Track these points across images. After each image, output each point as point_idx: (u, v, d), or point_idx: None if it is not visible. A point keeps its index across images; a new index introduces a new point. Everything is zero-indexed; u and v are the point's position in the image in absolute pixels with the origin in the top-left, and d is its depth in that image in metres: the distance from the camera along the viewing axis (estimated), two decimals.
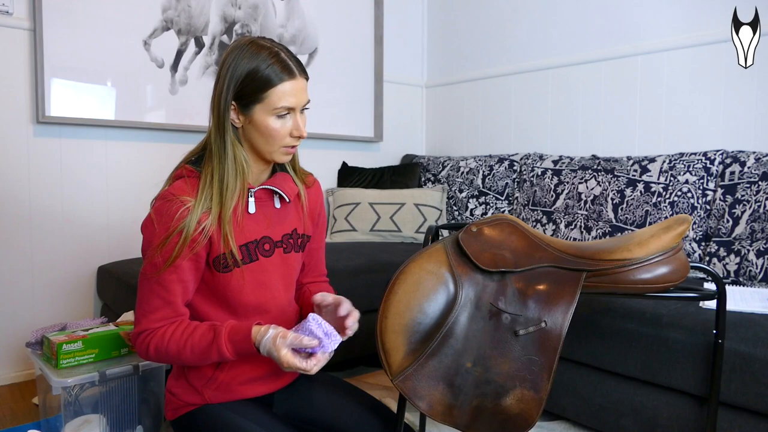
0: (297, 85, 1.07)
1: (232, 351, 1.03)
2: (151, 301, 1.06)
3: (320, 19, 2.83)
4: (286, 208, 1.20)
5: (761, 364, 1.21)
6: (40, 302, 2.17)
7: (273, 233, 1.16)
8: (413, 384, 1.00)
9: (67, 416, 1.41)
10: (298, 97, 1.08)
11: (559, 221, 2.26)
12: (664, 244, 1.07)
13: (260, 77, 1.05)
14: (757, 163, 1.85)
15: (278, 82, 1.05)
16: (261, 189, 1.14)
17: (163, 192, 1.08)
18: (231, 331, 1.03)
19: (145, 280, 1.07)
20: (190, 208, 1.03)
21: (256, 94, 1.05)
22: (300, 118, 1.10)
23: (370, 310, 2.02)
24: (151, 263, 1.05)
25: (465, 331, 1.04)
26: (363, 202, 2.67)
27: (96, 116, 2.20)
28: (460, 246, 1.11)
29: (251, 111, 1.07)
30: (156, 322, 1.06)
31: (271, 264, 1.15)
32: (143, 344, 1.07)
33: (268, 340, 1.00)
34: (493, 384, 1.00)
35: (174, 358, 1.06)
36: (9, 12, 2.03)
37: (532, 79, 2.76)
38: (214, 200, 1.05)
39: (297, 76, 1.08)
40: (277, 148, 1.10)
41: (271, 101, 1.06)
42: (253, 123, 1.08)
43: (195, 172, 1.10)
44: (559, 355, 0.99)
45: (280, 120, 1.08)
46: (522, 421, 0.98)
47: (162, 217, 1.04)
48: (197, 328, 1.06)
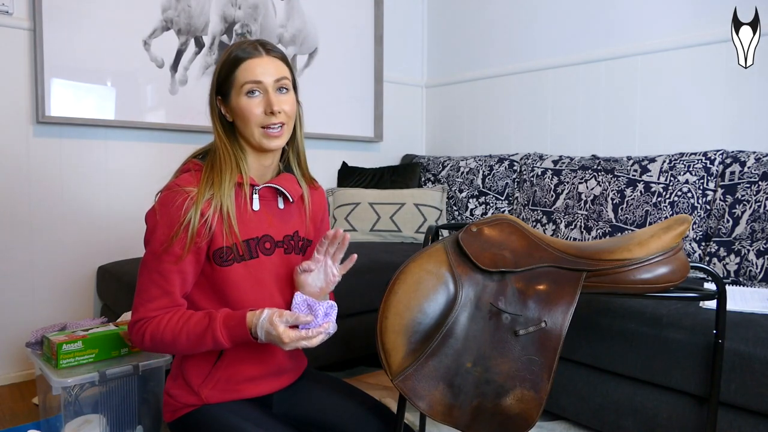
0: (263, 61, 1.09)
1: (227, 336, 1.03)
2: (149, 290, 1.07)
3: (320, 19, 2.83)
4: (290, 209, 1.20)
5: (761, 364, 1.21)
6: (40, 302, 2.17)
7: (275, 232, 1.16)
8: (413, 384, 1.00)
9: (67, 416, 1.41)
10: (264, 70, 1.09)
11: (559, 221, 2.26)
12: (665, 244, 1.07)
13: (229, 61, 1.10)
14: (757, 163, 1.85)
15: (243, 61, 1.08)
16: (265, 187, 1.15)
17: (169, 184, 1.10)
18: (226, 317, 1.04)
19: (145, 269, 1.08)
20: (194, 198, 1.05)
21: (228, 78, 1.10)
22: (275, 95, 1.09)
23: (370, 310, 2.03)
24: (152, 252, 1.06)
25: (465, 331, 1.04)
26: (363, 202, 2.67)
27: (96, 116, 2.20)
28: (460, 246, 1.11)
29: (230, 99, 1.11)
30: (153, 311, 1.06)
31: (271, 263, 1.15)
32: (139, 332, 1.07)
33: (264, 320, 1.00)
34: (493, 384, 1.00)
35: (169, 345, 1.06)
36: (9, 12, 2.03)
37: (532, 79, 2.76)
38: (215, 186, 1.07)
39: (263, 54, 1.10)
40: (256, 130, 1.10)
41: (238, 79, 1.09)
42: (234, 110, 1.11)
43: (200, 164, 1.12)
44: (559, 355, 0.99)
45: (252, 99, 1.09)
46: (522, 421, 0.98)
47: (165, 207, 1.05)
48: (193, 315, 1.06)
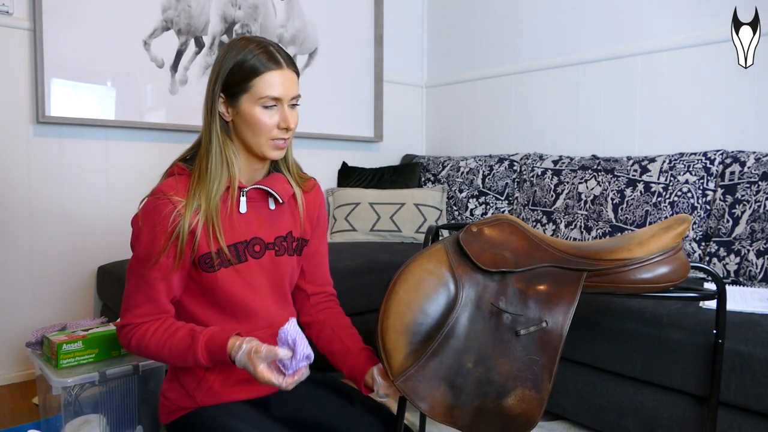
0: (284, 75, 1.06)
1: (208, 359, 1.02)
2: (135, 297, 1.07)
3: (320, 19, 2.83)
4: (281, 210, 1.18)
5: (761, 364, 1.21)
6: (40, 302, 2.17)
7: (265, 235, 1.14)
8: (414, 385, 1.00)
9: (67, 416, 1.41)
10: (285, 88, 1.07)
11: (559, 221, 2.26)
12: (665, 243, 1.07)
13: (246, 66, 1.05)
14: (757, 163, 1.85)
15: (264, 71, 1.05)
16: (253, 189, 1.13)
17: (153, 189, 1.08)
18: (209, 340, 1.02)
19: (131, 275, 1.08)
20: (181, 212, 1.03)
21: (242, 83, 1.05)
22: (289, 112, 1.08)
23: (370, 310, 2.02)
24: (137, 258, 1.06)
25: (466, 332, 1.04)
26: (363, 202, 2.67)
27: (96, 116, 2.20)
28: (460, 246, 1.11)
29: (238, 102, 1.07)
30: (139, 317, 1.07)
31: (261, 266, 1.14)
32: (126, 337, 1.08)
33: (243, 355, 0.97)
34: (494, 384, 1.00)
35: (154, 355, 1.07)
36: (9, 12, 2.03)
37: (532, 79, 2.76)
38: (202, 196, 1.05)
39: (284, 67, 1.07)
40: (265, 141, 1.08)
41: (256, 90, 1.05)
42: (241, 114, 1.07)
43: (186, 170, 1.10)
44: (560, 355, 0.99)
45: (267, 111, 1.07)
46: (524, 421, 0.97)
47: (148, 214, 1.04)
48: (177, 331, 1.05)
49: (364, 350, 1.17)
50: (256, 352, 0.96)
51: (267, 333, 1.13)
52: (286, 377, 0.97)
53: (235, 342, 0.99)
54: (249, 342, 0.99)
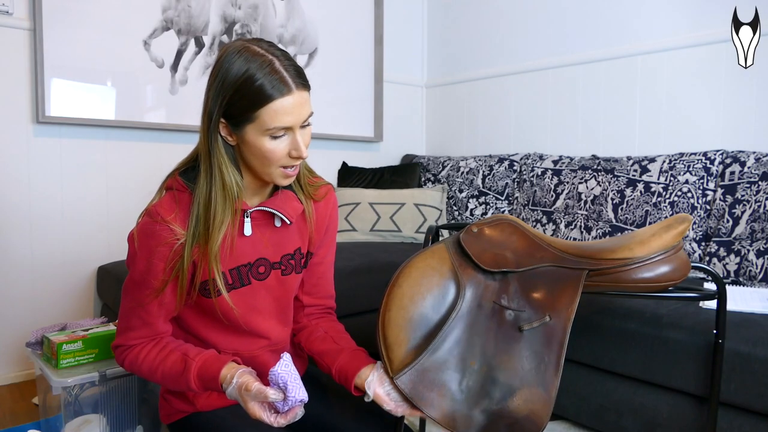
0: (294, 100, 0.93)
1: (200, 387, 1.00)
2: (130, 320, 1.04)
3: (320, 19, 2.83)
4: (288, 227, 1.10)
5: (761, 364, 1.21)
6: (40, 302, 2.16)
7: (271, 255, 1.08)
8: (415, 385, 0.98)
9: (67, 416, 1.41)
10: (295, 115, 0.94)
11: (559, 221, 2.26)
12: (665, 242, 1.06)
13: (250, 93, 0.91)
14: (757, 163, 1.86)
15: (270, 100, 0.91)
16: (258, 211, 1.04)
17: (151, 207, 1.00)
18: (200, 368, 0.99)
19: (126, 293, 1.04)
20: (183, 246, 0.97)
21: (246, 113, 0.92)
22: (300, 135, 0.96)
23: (369, 310, 2.02)
24: (132, 280, 1.02)
25: (468, 329, 1.03)
26: (363, 202, 2.67)
27: (96, 116, 2.19)
28: (461, 246, 1.11)
29: (242, 131, 0.94)
30: (133, 339, 1.05)
31: (266, 287, 1.09)
32: (120, 357, 1.07)
33: (234, 389, 0.94)
34: (498, 384, 0.98)
35: (146, 377, 1.05)
36: (9, 12, 2.03)
37: (532, 79, 2.76)
38: (201, 225, 0.97)
39: (293, 90, 0.93)
40: (275, 170, 0.98)
41: (263, 121, 0.92)
42: (246, 144, 0.96)
43: (186, 188, 1.00)
44: (565, 349, 0.97)
45: (276, 141, 0.95)
46: (531, 425, 0.93)
47: (144, 238, 0.98)
48: (170, 355, 1.02)
49: (358, 350, 1.12)
50: (246, 390, 0.92)
51: (268, 351, 1.12)
52: (278, 416, 0.94)
53: (227, 374, 0.96)
54: (240, 376, 0.95)
